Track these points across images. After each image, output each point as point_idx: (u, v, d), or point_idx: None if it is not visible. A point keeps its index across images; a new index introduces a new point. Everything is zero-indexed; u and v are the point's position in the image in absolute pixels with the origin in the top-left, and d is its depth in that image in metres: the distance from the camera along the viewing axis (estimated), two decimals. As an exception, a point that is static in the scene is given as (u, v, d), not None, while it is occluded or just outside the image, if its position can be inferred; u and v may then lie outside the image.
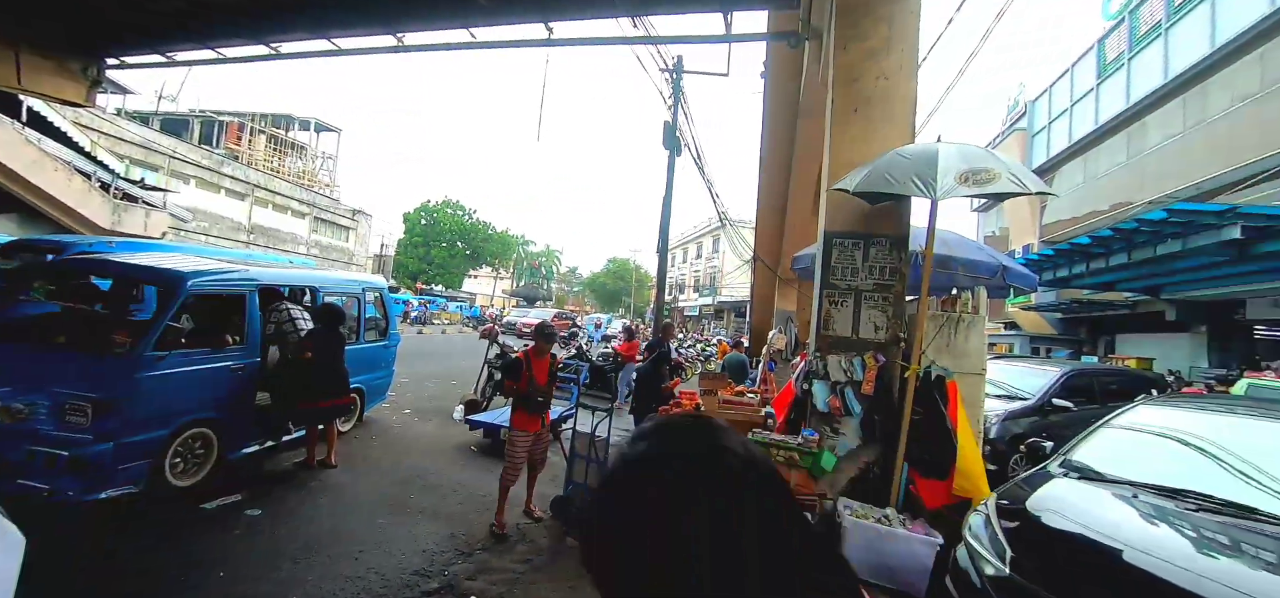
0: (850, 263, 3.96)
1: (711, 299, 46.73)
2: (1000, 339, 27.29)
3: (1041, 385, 6.91)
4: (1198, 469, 2.76)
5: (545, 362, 4.45)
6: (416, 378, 11.07)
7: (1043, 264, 16.53)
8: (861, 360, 3.82)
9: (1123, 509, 2.58)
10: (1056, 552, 2.42)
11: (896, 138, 4.06)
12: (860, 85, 4.28)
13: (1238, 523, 2.34)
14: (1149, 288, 16.38)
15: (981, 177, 2.90)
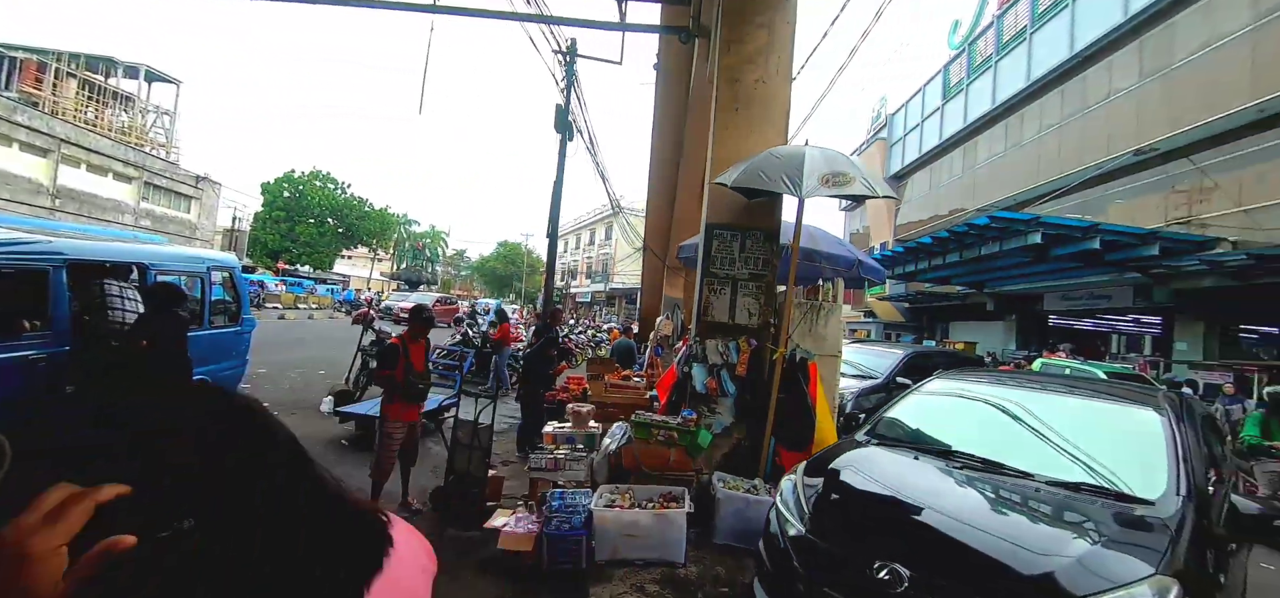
0: (729, 253, 4.23)
1: (604, 286, 47.12)
2: (860, 326, 30.48)
3: (888, 366, 7.91)
4: (968, 432, 3.16)
5: (422, 347, 4.25)
6: (277, 368, 10.01)
7: (894, 260, 18.69)
8: (736, 344, 4.11)
9: (905, 468, 2.87)
10: (846, 509, 2.63)
11: (773, 138, 4.38)
12: (741, 86, 4.55)
13: (990, 476, 2.68)
14: (974, 283, 19.18)
15: (839, 179, 3.24)
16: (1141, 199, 14.91)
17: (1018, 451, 2.85)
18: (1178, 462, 2.51)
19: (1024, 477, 2.58)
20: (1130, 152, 14.33)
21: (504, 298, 56.17)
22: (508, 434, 7.39)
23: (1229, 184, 12.50)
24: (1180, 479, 2.42)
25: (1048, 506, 2.38)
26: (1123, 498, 2.37)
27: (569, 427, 4.76)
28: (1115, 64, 15.63)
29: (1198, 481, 2.45)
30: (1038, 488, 2.47)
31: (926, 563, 2.12)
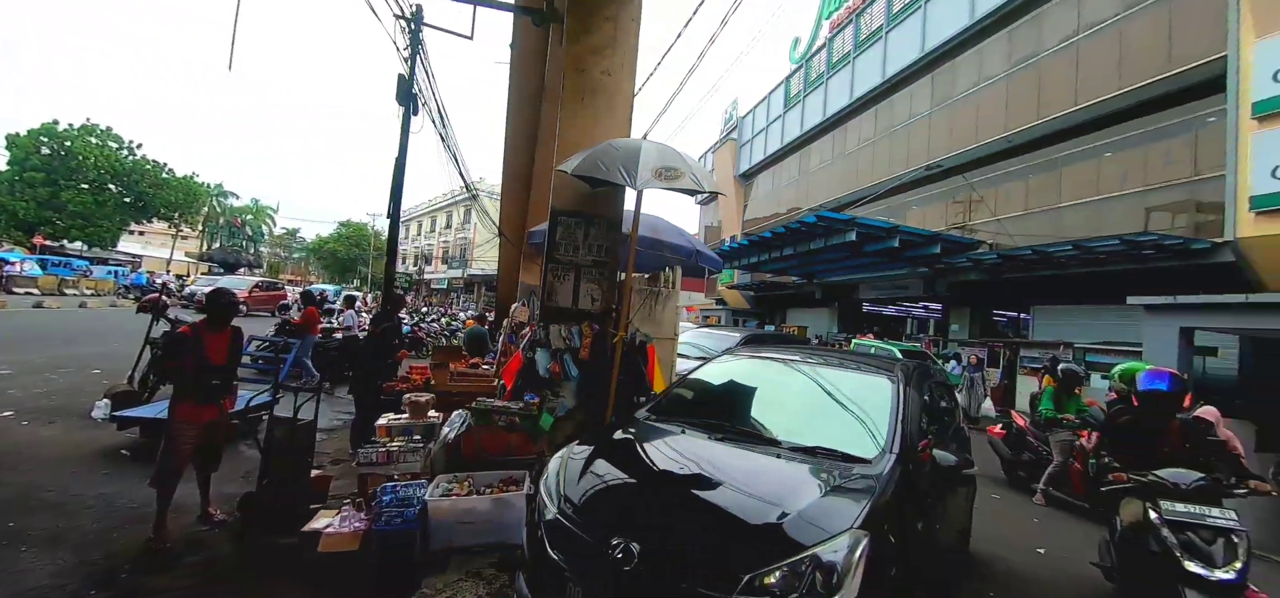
0: (573, 240, 4.30)
1: (462, 272, 44.89)
2: (712, 312, 32.66)
3: (725, 348, 8.63)
4: (737, 404, 3.34)
5: (223, 337, 3.74)
6: (28, 370, 8.09)
7: (740, 252, 20.35)
8: (580, 329, 4.21)
9: (668, 441, 2.90)
10: (597, 487, 2.53)
11: (615, 130, 4.52)
12: (588, 76, 4.63)
13: (743, 445, 2.81)
14: (806, 274, 21.59)
15: (671, 173, 3.47)
16: (930, 207, 17.92)
17: (775, 420, 3.07)
18: (895, 424, 2.78)
19: (773, 444, 2.76)
20: (922, 167, 17.14)
21: (347, 283, 50.91)
22: (342, 431, 6.78)
23: (989, 197, 15.52)
24: (894, 440, 2.69)
25: (785, 469, 2.54)
26: (848, 459, 2.58)
27: (406, 418, 4.52)
28: (914, 93, 18.53)
29: (909, 441, 2.72)
30: (781, 453, 2.65)
31: (659, 534, 2.17)
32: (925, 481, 2.75)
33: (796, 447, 2.68)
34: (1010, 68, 14.87)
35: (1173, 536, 2.98)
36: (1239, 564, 2.86)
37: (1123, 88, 11.89)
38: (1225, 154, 9.80)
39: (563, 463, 2.75)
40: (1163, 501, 3.10)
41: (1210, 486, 3.10)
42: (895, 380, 3.12)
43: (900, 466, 2.54)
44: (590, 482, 2.55)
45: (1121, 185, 12.39)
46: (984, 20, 15.49)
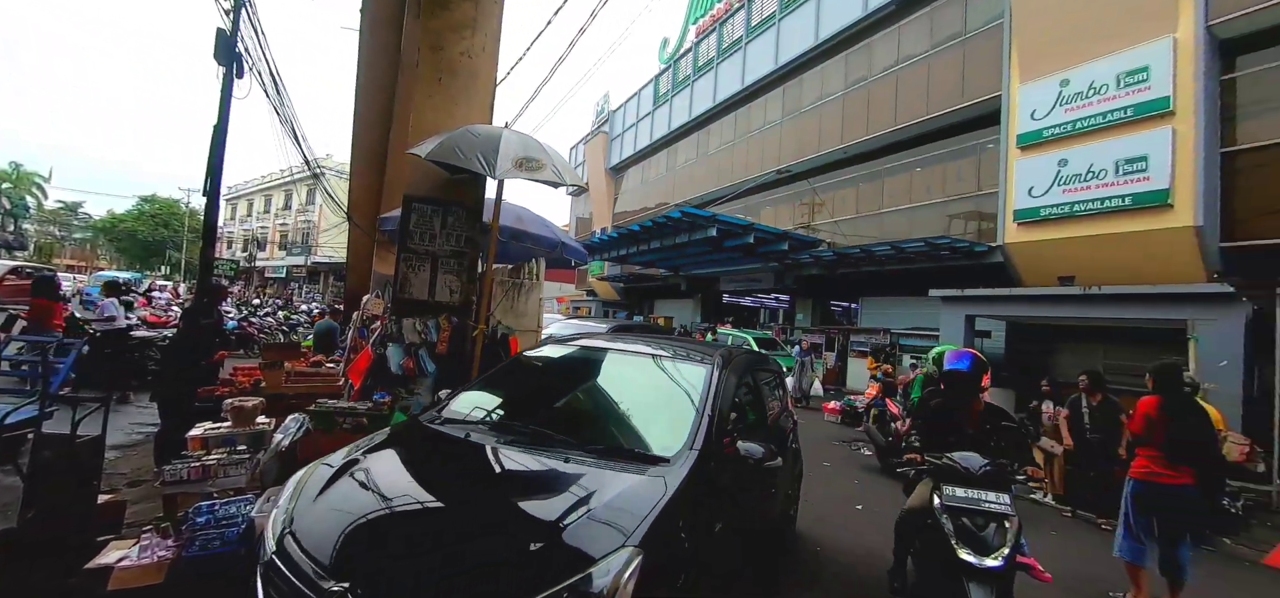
0: (429, 228, 4.06)
1: (305, 259, 40.06)
2: (583, 303, 32.80)
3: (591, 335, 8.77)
4: (539, 400, 3.01)
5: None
6: None
7: (610, 245, 20.67)
8: (437, 323, 4.00)
9: (438, 449, 2.55)
10: (333, 514, 2.03)
11: (476, 115, 4.35)
12: (445, 55, 4.38)
13: (529, 450, 2.43)
14: (672, 266, 22.55)
15: (532, 164, 3.43)
16: (781, 207, 19.67)
17: (579, 417, 2.86)
18: (701, 419, 2.57)
19: (570, 446, 2.42)
20: (774, 171, 18.75)
21: (154, 270, 42.99)
22: (144, 447, 5.75)
23: (829, 201, 17.44)
24: (698, 435, 2.48)
25: (570, 479, 2.18)
26: (645, 459, 2.35)
27: (227, 426, 3.95)
28: (768, 102, 20.16)
29: (713, 436, 2.51)
30: (571, 458, 2.31)
31: (390, 577, 1.76)
32: (729, 474, 2.60)
33: (593, 449, 2.40)
34: (846, 87, 16.81)
35: (950, 522, 2.95)
36: (1006, 550, 2.82)
37: (930, 114, 14.04)
38: (999, 175, 12.04)
39: (300, 483, 2.23)
40: (946, 485, 3.07)
41: (995, 470, 3.06)
42: (710, 370, 2.93)
43: (700, 462, 2.36)
44: (324, 508, 2.05)
45: (928, 196, 14.64)
46: (825, 43, 17.32)
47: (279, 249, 44.34)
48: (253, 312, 17.60)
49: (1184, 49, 9.33)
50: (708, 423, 2.56)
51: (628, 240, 19.39)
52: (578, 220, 35.22)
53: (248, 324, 14.09)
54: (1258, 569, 5.06)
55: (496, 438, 2.56)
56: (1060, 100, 10.74)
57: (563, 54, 9.50)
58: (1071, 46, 10.60)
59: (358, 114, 9.65)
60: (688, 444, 2.43)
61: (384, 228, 6.18)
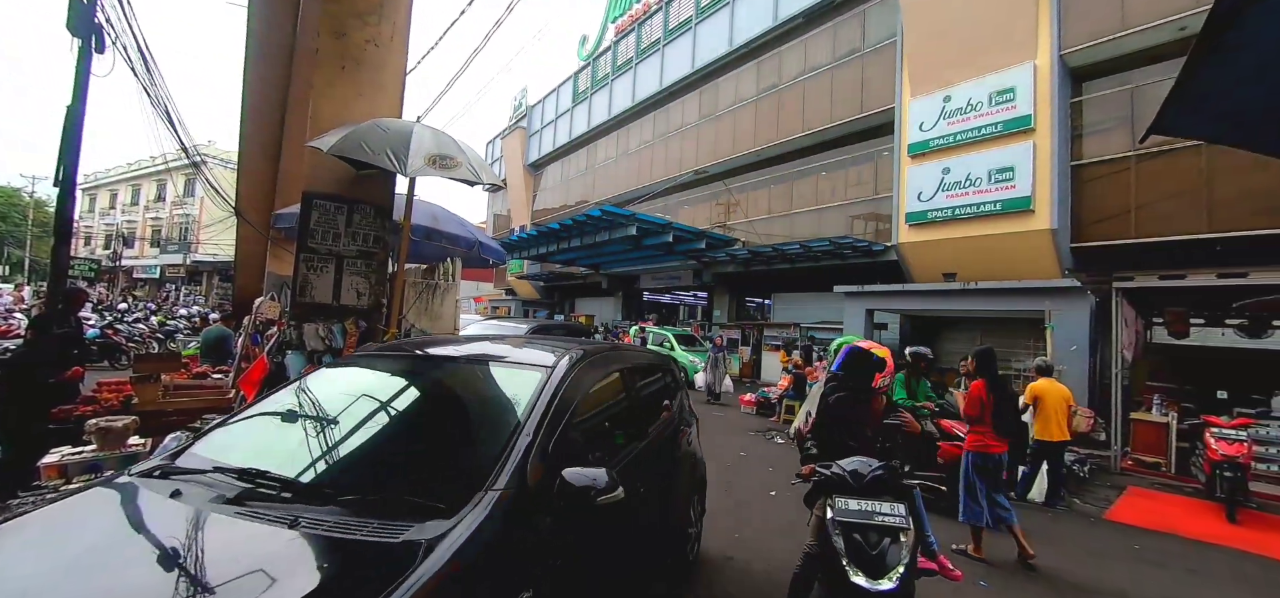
0: (333, 227, 3.81)
1: (183, 257, 36.00)
2: (502, 303, 32.02)
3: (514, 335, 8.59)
4: (300, 437, 2.23)
5: None
6: None
7: (529, 242, 20.31)
8: (342, 327, 3.75)
9: (122, 515, 1.82)
10: None
11: (383, 107, 4.13)
12: (349, 42, 4.12)
13: (260, 511, 1.73)
14: (593, 265, 22.53)
15: (447, 161, 3.31)
16: (698, 206, 20.21)
17: (349, 454, 2.12)
18: (509, 447, 1.95)
19: (320, 500, 1.80)
20: (692, 171, 19.24)
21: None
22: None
23: (744, 201, 18.16)
24: (502, 471, 1.86)
25: (287, 561, 1.56)
26: (417, 511, 1.69)
27: (91, 450, 3.49)
28: (685, 104, 20.63)
29: (526, 469, 1.90)
30: (300, 519, 1.66)
31: None
32: (558, 519, 1.92)
33: (348, 502, 1.76)
34: (759, 93, 17.58)
35: (842, 539, 2.62)
36: (901, 570, 2.51)
37: (834, 121, 15.01)
38: (893, 180, 13.10)
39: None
40: (839, 497, 2.73)
41: (888, 476, 2.73)
42: (544, 378, 2.29)
43: (501, 513, 1.73)
44: None
45: (833, 198, 15.65)
46: (740, 50, 18.00)
47: (151, 246, 39.49)
48: (119, 318, 15.56)
49: (1042, 74, 10.62)
50: (523, 454, 1.93)
51: (548, 238, 19.14)
52: (495, 217, 34.25)
53: (113, 332, 12.47)
54: (1101, 523, 5.89)
55: (217, 497, 1.78)
56: (943, 114, 11.87)
57: (479, 45, 9.21)
58: (952, 67, 11.74)
59: (248, 100, 8.82)
60: (488, 485, 1.80)
61: (279, 224, 5.71)
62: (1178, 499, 6.80)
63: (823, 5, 15.53)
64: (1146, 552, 5.07)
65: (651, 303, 25.25)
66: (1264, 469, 6.84)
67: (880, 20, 14.14)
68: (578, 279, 25.63)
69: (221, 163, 31.22)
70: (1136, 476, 7.72)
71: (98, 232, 42.51)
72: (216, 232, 30.19)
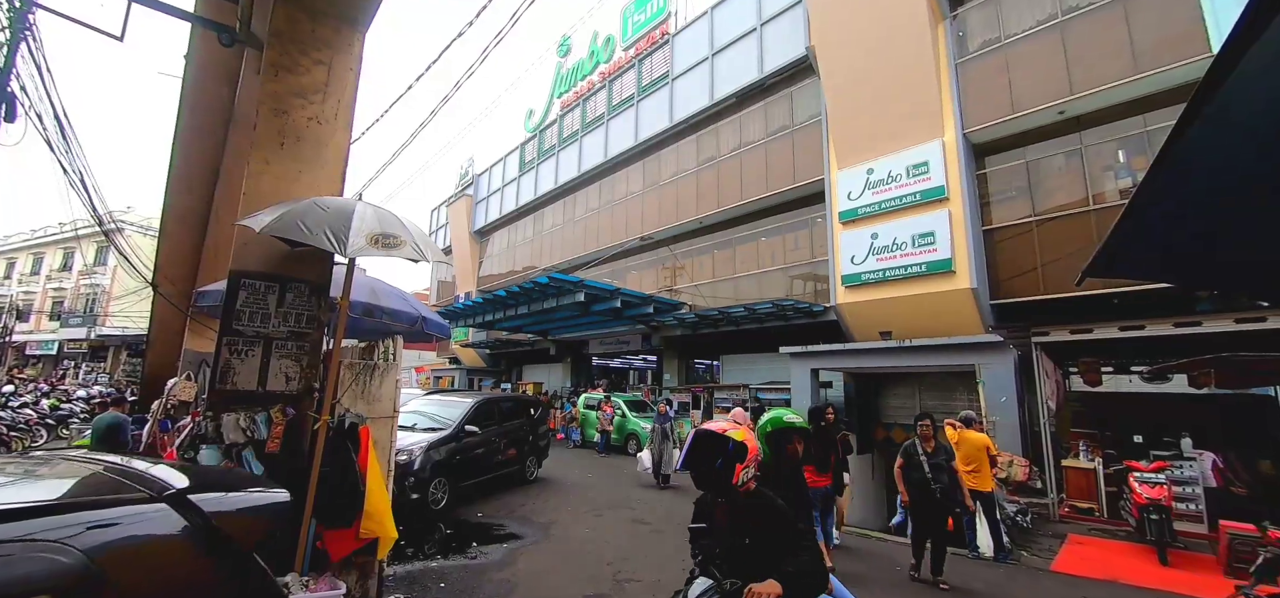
0: (262, 307, 3.59)
1: (87, 331, 32.92)
2: (445, 373, 30.85)
3: (457, 415, 8.24)
4: None
5: None
6: None
7: (475, 310, 19.88)
8: (268, 416, 3.48)
9: None
10: None
11: (324, 185, 4.02)
12: (290, 120, 4.03)
13: None
14: (541, 331, 22.21)
15: (390, 241, 3.22)
16: (645, 272, 20.54)
17: None
18: None
19: None
20: (638, 238, 19.65)
21: None
22: None
23: (689, 266, 18.61)
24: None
25: None
26: None
27: (-48, 571, 3.00)
28: (630, 174, 21.28)
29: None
30: None
31: None
32: None
33: None
34: (699, 165, 18.41)
35: None
36: None
37: (770, 191, 15.84)
38: (827, 245, 13.84)
39: None
40: None
41: None
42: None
43: None
44: None
45: (773, 262, 16.30)
46: (679, 125, 18.94)
47: (51, 319, 35.93)
48: (2, 403, 13.87)
49: (950, 149, 11.71)
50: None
51: (494, 305, 18.81)
52: (440, 284, 33.47)
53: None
54: (1048, 575, 6.08)
55: None
56: (868, 184, 12.79)
57: (424, 120, 9.25)
58: (872, 142, 12.77)
59: (174, 170, 8.41)
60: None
61: (202, 303, 5.35)
62: (1113, 545, 7.15)
63: (753, 87, 16.69)
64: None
65: (601, 367, 24.98)
66: (1184, 508, 7.35)
67: (806, 101, 15.30)
68: (525, 345, 25.14)
69: (140, 230, 29.28)
70: (1074, 522, 8.08)
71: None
72: (128, 304, 27.91)
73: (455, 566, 5.59)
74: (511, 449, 9.43)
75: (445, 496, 7.69)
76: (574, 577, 5.40)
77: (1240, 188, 1.41)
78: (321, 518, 3.54)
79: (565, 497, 9.02)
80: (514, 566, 5.68)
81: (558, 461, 12.52)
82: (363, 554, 3.89)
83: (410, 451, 7.15)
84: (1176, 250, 1.75)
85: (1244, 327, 6.98)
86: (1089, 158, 10.78)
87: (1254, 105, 1.14)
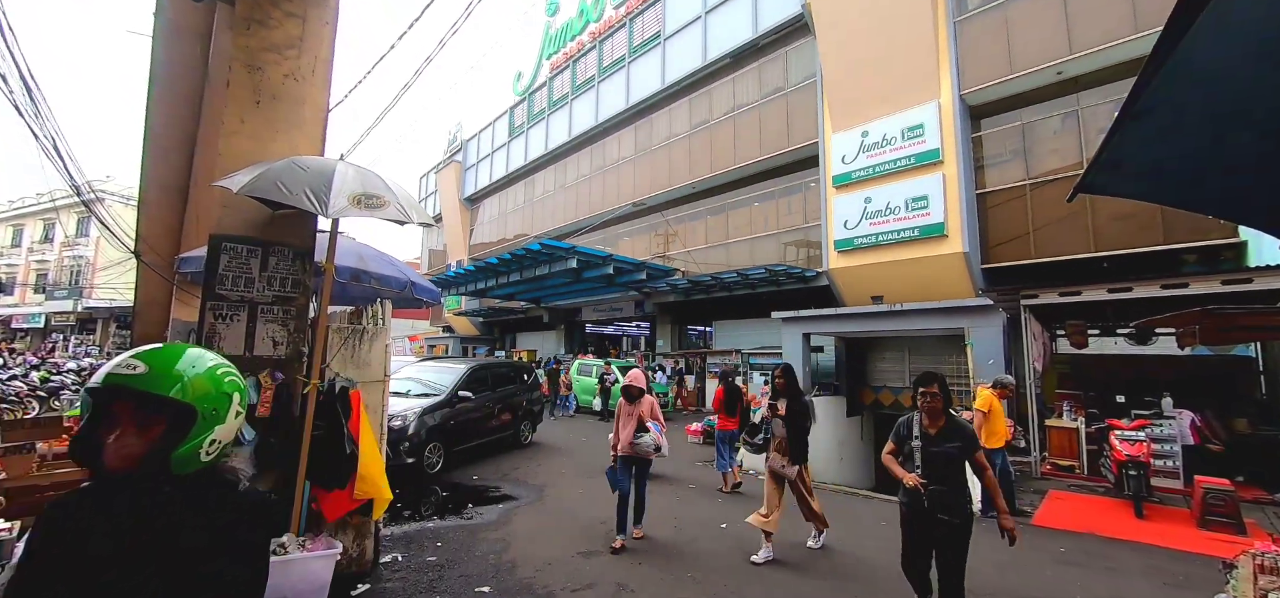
0: (245, 271, 3.52)
1: (73, 303, 32.53)
2: (439, 340, 30.85)
3: (451, 381, 8.26)
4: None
5: None
6: None
7: (467, 278, 19.75)
8: (257, 380, 3.45)
9: None
10: None
11: (304, 145, 3.91)
12: (265, 76, 3.89)
13: None
14: (534, 298, 22.16)
15: (373, 201, 3.15)
16: (638, 238, 20.42)
17: None
18: None
19: None
20: (630, 204, 19.47)
21: None
22: None
23: (682, 232, 18.50)
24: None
25: None
26: None
27: (-59, 538, 3.00)
28: (621, 139, 20.95)
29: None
30: None
31: None
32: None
33: None
34: (691, 128, 18.14)
35: None
36: None
37: (763, 155, 15.67)
38: (821, 209, 13.78)
39: None
40: None
41: None
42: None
43: None
44: None
45: (766, 228, 16.24)
46: (672, 87, 18.58)
47: (35, 292, 35.40)
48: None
49: (946, 112, 11.58)
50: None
51: (486, 273, 18.69)
52: (431, 252, 33.17)
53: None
54: (1029, 528, 6.24)
55: None
56: (862, 148, 12.67)
57: (409, 81, 8.99)
58: (867, 105, 12.60)
59: (150, 135, 8.15)
60: None
61: (184, 269, 5.27)
62: (1092, 500, 7.34)
63: (748, 47, 16.33)
64: (1071, 554, 5.41)
65: (594, 334, 25.04)
66: (1161, 465, 7.53)
67: (801, 61, 15.02)
68: (518, 313, 25.11)
69: (121, 200, 28.67)
70: (1055, 479, 8.28)
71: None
72: (114, 275, 27.52)
73: (451, 526, 5.66)
74: (505, 414, 9.49)
75: (440, 460, 7.75)
76: (568, 535, 5.48)
77: (1237, 101, 1.37)
78: (316, 480, 3.54)
79: (560, 460, 9.12)
80: (509, 525, 5.76)
81: (550, 426, 12.63)
82: (358, 515, 3.92)
83: (404, 415, 7.17)
84: (1167, 171, 1.72)
85: (1230, 287, 7.04)
86: (1086, 120, 10.70)
87: (1257, 11, 1.08)
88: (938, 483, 3.32)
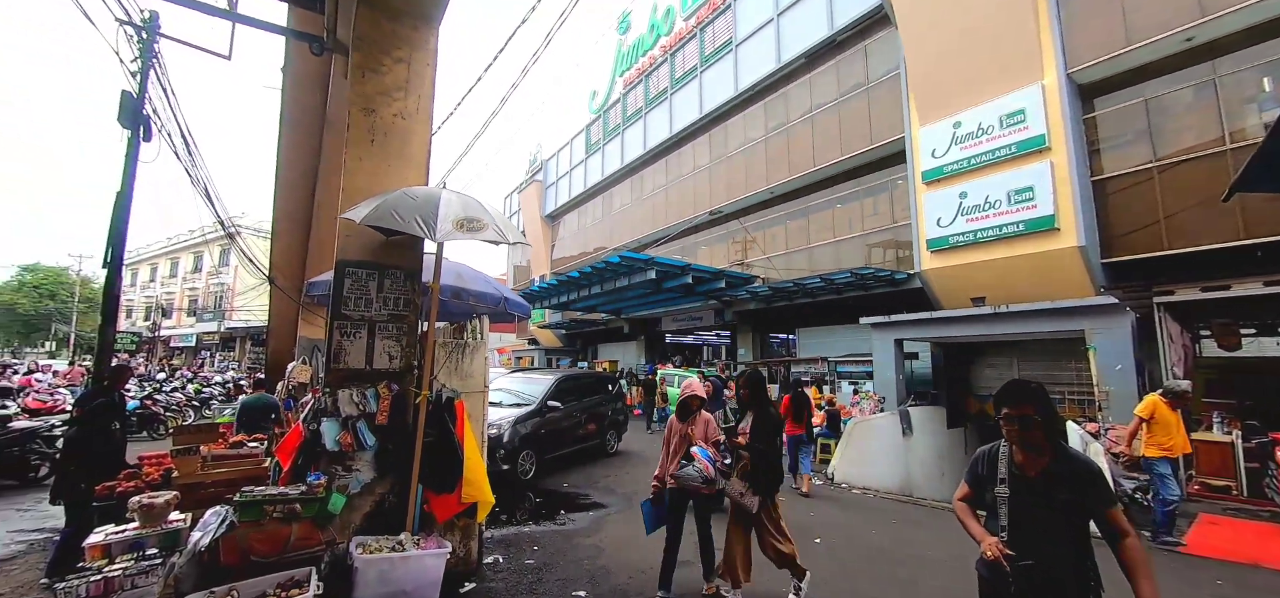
0: (364, 293, 3.91)
1: (217, 325, 37.15)
2: (526, 353, 32.19)
3: (541, 392, 8.62)
4: None
5: None
6: None
7: (550, 292, 20.52)
8: (376, 391, 3.81)
9: None
10: None
11: (411, 176, 4.28)
12: (378, 117, 4.32)
13: None
14: (614, 310, 22.61)
15: (473, 224, 3.40)
16: (716, 246, 20.30)
17: None
18: None
19: None
20: (707, 212, 19.40)
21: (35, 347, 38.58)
22: (27, 557, 5.07)
23: (760, 238, 18.19)
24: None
25: None
26: None
27: (134, 528, 3.55)
28: (696, 148, 20.98)
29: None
30: None
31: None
32: None
33: None
34: (767, 133, 17.83)
35: None
36: None
37: (845, 154, 15.09)
38: (910, 208, 13.03)
39: None
40: None
41: None
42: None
43: None
44: None
45: (850, 229, 15.59)
46: (745, 93, 18.38)
47: (188, 316, 40.88)
48: (158, 388, 16.00)
49: (1051, 93, 10.59)
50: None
51: (568, 287, 19.32)
52: (515, 268, 34.80)
53: (152, 402, 12.79)
54: (1177, 556, 5.54)
55: None
56: (955, 140, 11.86)
57: (495, 109, 9.55)
58: (959, 93, 11.79)
59: (280, 174, 9.24)
60: None
61: (312, 293, 5.88)
62: (1255, 525, 6.37)
63: (823, 45, 15.85)
64: (1230, 588, 4.73)
65: (674, 345, 25.09)
66: (1342, 488, 6.42)
67: (882, 53, 14.35)
68: (599, 325, 25.69)
69: (254, 232, 32.48)
70: (1206, 501, 7.27)
71: (138, 304, 44.28)
72: (249, 298, 31.15)
73: (546, 531, 5.89)
74: (592, 424, 9.76)
75: (532, 467, 8.10)
76: (658, 543, 5.53)
77: None
78: (427, 484, 3.84)
79: (646, 469, 9.22)
80: (601, 532, 5.90)
81: (635, 436, 12.80)
82: (464, 517, 4.19)
83: (499, 425, 7.58)
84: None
85: None
86: (1224, 89, 9.40)
87: None
88: (1032, 554, 2.08)
